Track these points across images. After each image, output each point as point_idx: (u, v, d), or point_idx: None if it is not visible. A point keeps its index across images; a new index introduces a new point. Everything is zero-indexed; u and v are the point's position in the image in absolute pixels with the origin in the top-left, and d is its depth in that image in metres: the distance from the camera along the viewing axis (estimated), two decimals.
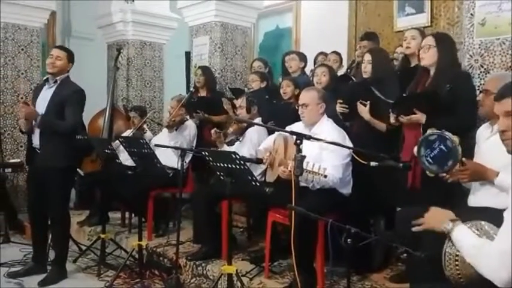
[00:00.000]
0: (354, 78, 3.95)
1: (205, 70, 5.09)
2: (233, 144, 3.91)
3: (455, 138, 2.33)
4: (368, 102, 3.20)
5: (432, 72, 2.91)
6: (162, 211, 4.44)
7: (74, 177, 3.95)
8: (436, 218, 1.83)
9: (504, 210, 1.56)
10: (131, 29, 6.41)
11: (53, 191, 3.57)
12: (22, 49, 5.63)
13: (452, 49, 2.96)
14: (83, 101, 3.65)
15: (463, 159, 2.29)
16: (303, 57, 4.69)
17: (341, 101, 3.36)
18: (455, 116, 2.69)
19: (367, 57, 3.38)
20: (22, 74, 5.65)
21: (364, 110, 3.23)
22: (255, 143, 3.75)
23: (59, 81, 3.62)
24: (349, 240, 1.90)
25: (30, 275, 3.66)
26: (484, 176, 2.28)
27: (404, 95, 3.03)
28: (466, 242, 1.68)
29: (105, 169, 4.16)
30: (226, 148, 3.82)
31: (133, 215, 4.62)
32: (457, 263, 1.75)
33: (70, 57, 3.69)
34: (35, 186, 3.68)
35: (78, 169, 4.52)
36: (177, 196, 3.81)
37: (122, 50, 5.76)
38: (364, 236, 1.95)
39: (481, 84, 2.99)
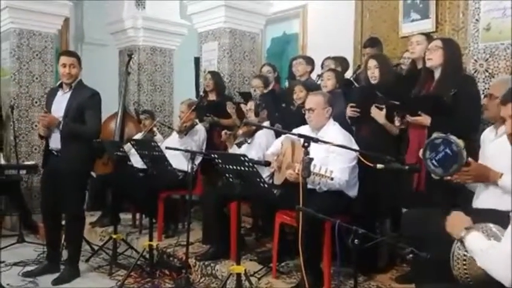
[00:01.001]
0: (355, 83, 4.00)
1: (215, 75, 5.16)
2: (241, 146, 3.97)
3: (460, 142, 2.35)
4: (384, 106, 3.23)
5: (437, 75, 2.96)
6: (172, 213, 4.51)
7: (88, 179, 4.03)
8: (455, 223, 1.85)
9: (509, 211, 1.59)
10: (142, 35, 6.51)
11: (71, 193, 3.63)
12: (37, 54, 5.75)
13: (458, 54, 2.99)
14: (100, 103, 3.73)
15: (469, 158, 2.31)
16: (309, 61, 4.72)
17: (353, 105, 3.41)
18: (458, 120, 2.73)
19: (373, 62, 3.43)
20: (36, 78, 5.77)
21: (380, 114, 3.25)
22: (263, 146, 3.81)
23: (73, 87, 3.69)
24: (356, 241, 1.93)
25: (44, 274, 3.72)
26: (487, 178, 2.29)
27: (410, 96, 3.08)
28: (477, 246, 1.70)
29: (117, 171, 4.24)
30: (235, 149, 3.89)
31: (144, 216, 4.68)
32: (464, 263, 1.79)
33: (80, 61, 3.75)
34: (49, 187, 3.73)
35: (91, 171, 4.60)
36: (187, 198, 3.87)
37: (133, 56, 5.87)
38: (371, 237, 1.97)
39: (485, 88, 3.02)
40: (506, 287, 1.52)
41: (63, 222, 3.83)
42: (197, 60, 6.02)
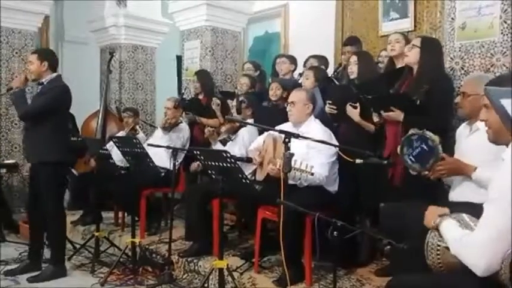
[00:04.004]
0: (336, 81, 4.07)
1: (200, 75, 5.10)
2: (226, 143, 4.00)
3: (436, 138, 2.44)
4: (358, 104, 3.30)
5: (415, 73, 3.03)
6: (154, 210, 4.49)
7: (64, 174, 3.86)
8: (432, 216, 1.90)
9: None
10: (124, 33, 6.49)
11: (44, 188, 3.56)
12: (16, 52, 5.68)
13: (436, 53, 3.05)
14: (56, 95, 3.55)
15: (443, 154, 2.40)
16: (293, 60, 4.76)
17: (330, 102, 3.47)
18: (431, 116, 2.79)
19: (353, 58, 3.51)
20: (16, 77, 5.66)
21: (354, 112, 3.32)
22: (246, 142, 3.84)
23: (45, 82, 3.60)
24: (335, 232, 1.97)
25: (25, 273, 3.67)
26: (462, 171, 2.38)
27: (382, 93, 3.14)
28: (450, 234, 1.74)
29: (99, 169, 4.22)
30: (219, 146, 3.92)
31: (126, 214, 4.66)
32: (438, 252, 1.83)
33: (41, 56, 3.60)
34: (31, 184, 3.72)
35: (72, 169, 4.57)
36: (169, 195, 3.88)
37: (114, 54, 5.85)
38: (349, 228, 2.02)
39: (461, 85, 3.11)
40: (477, 275, 1.55)
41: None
42: (179, 59, 6.03)
